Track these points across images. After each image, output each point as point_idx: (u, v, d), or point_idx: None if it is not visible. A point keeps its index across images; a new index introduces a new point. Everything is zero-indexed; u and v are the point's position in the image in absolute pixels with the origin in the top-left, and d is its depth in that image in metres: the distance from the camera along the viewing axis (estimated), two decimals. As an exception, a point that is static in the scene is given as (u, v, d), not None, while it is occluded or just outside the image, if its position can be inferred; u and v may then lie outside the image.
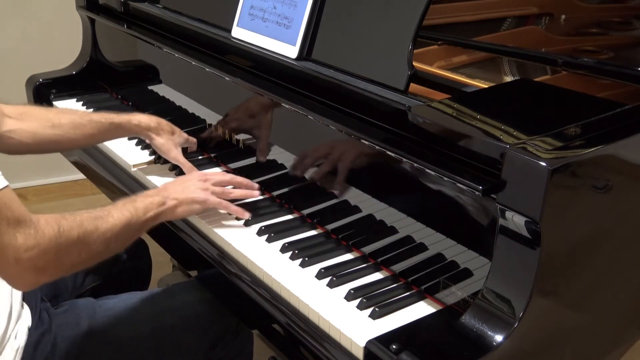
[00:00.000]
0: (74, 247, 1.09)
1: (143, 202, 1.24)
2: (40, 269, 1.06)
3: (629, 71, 1.43)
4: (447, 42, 1.65)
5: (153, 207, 1.25)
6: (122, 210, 1.19)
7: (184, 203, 1.31)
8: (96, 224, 1.13)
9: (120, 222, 1.17)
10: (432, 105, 1.15)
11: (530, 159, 0.93)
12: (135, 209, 1.22)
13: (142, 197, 1.26)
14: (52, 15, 2.94)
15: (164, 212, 1.28)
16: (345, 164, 1.31)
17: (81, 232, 1.10)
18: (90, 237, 1.11)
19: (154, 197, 1.27)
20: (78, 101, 2.08)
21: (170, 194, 1.30)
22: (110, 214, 1.17)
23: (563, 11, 1.67)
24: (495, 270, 1.00)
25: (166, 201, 1.28)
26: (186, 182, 1.35)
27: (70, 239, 1.08)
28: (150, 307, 1.38)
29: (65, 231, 1.07)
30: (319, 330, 1.12)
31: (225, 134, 1.62)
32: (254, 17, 1.54)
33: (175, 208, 1.30)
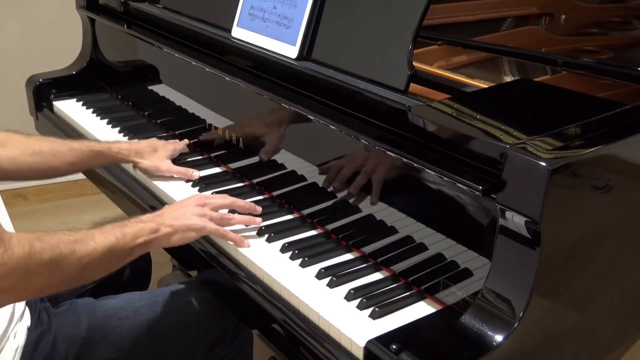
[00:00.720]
0: (45, 270, 1.04)
1: (133, 228, 1.18)
2: (6, 290, 1.01)
3: (629, 71, 1.43)
4: (447, 42, 1.65)
5: (144, 233, 1.20)
6: (107, 235, 1.14)
7: (180, 231, 1.25)
8: (73, 248, 1.07)
9: (101, 248, 1.11)
10: (432, 105, 1.15)
11: (530, 159, 0.93)
12: (123, 234, 1.16)
13: (134, 222, 1.21)
14: (52, 15, 2.94)
15: (157, 239, 1.22)
16: (371, 176, 1.27)
17: (54, 255, 1.04)
18: (65, 262, 1.06)
19: (147, 224, 1.21)
20: (78, 101, 2.08)
21: (165, 220, 1.25)
22: (93, 238, 1.11)
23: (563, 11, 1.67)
24: (495, 270, 1.00)
25: (160, 228, 1.23)
26: (183, 207, 1.30)
27: (41, 262, 1.02)
28: (150, 307, 1.38)
29: (37, 253, 1.02)
30: (319, 330, 1.12)
31: (225, 135, 1.62)
32: (254, 17, 1.54)
33: (170, 236, 1.24)
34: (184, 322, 1.39)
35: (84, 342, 1.29)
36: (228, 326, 1.44)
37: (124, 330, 1.33)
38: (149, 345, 1.35)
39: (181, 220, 1.26)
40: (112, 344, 1.31)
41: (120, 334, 1.32)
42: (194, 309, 1.41)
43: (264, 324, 1.29)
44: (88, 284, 1.56)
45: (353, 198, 1.31)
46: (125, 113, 2.00)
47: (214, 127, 1.67)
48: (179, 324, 1.38)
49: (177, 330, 1.38)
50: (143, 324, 1.35)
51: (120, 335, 1.32)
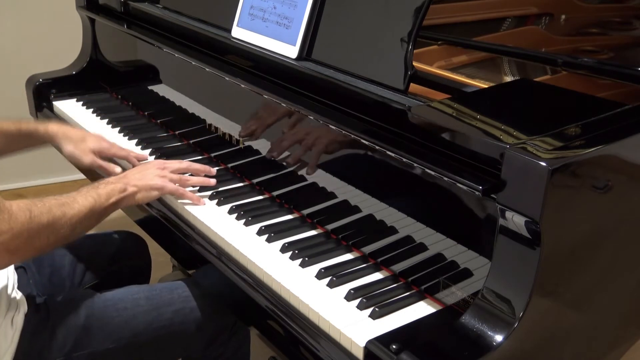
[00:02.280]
0: (44, 231, 1.16)
1: (105, 189, 1.31)
2: (13, 251, 1.12)
3: (629, 71, 1.43)
4: (447, 42, 1.65)
5: (115, 193, 1.32)
6: (86, 197, 1.26)
7: (143, 190, 1.38)
8: (63, 210, 1.20)
9: (85, 208, 1.24)
10: (432, 105, 1.15)
11: (530, 159, 0.93)
12: (99, 195, 1.28)
13: (103, 184, 1.33)
14: (52, 15, 2.94)
15: (125, 197, 1.34)
16: (318, 148, 1.36)
17: (50, 218, 1.16)
18: (58, 223, 1.18)
19: (115, 184, 1.34)
20: (78, 101, 2.08)
21: (129, 180, 1.37)
22: (76, 200, 1.23)
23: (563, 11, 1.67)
24: (495, 270, 1.00)
25: (127, 188, 1.35)
26: (145, 170, 1.43)
27: (40, 224, 1.14)
28: (148, 299, 1.39)
29: (36, 216, 1.14)
30: (318, 330, 1.12)
31: (225, 135, 1.62)
32: (254, 17, 1.54)
33: (134, 194, 1.37)
34: (181, 316, 1.40)
35: (82, 331, 1.30)
36: (225, 323, 1.45)
37: (122, 321, 1.34)
38: (146, 337, 1.36)
39: (144, 180, 1.39)
40: (110, 334, 1.33)
41: (118, 324, 1.34)
42: (191, 304, 1.42)
43: (263, 323, 1.29)
44: (87, 282, 1.57)
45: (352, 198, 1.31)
46: (125, 113, 2.00)
47: (214, 127, 1.67)
48: (176, 318, 1.39)
49: (174, 324, 1.39)
50: (141, 316, 1.36)
51: (118, 326, 1.34)
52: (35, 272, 1.48)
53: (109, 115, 1.96)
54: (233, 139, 1.60)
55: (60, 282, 1.53)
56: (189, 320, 1.40)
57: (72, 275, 1.55)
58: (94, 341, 1.31)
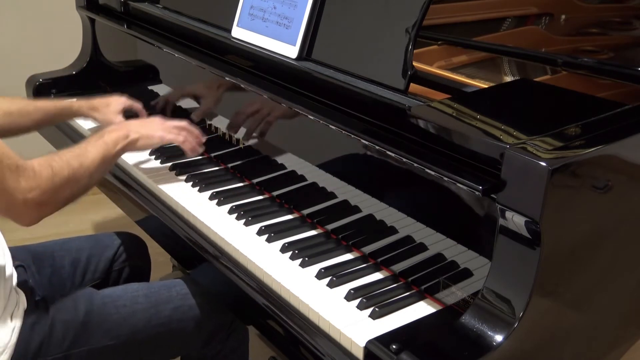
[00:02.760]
0: (67, 183, 1.25)
1: (110, 137, 1.39)
2: (44, 205, 1.22)
3: (629, 71, 1.43)
4: (447, 42, 1.65)
5: (120, 140, 1.40)
6: (95, 146, 1.35)
7: (144, 137, 1.47)
8: (80, 161, 1.29)
9: (97, 157, 1.33)
10: (432, 105, 1.15)
11: (530, 159, 0.93)
12: (106, 143, 1.37)
13: (107, 132, 1.41)
14: (52, 15, 2.94)
15: (129, 143, 1.43)
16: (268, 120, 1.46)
17: (70, 170, 1.26)
18: (78, 173, 1.28)
19: (119, 132, 1.42)
20: (78, 101, 2.08)
21: (131, 127, 1.46)
22: (88, 150, 1.32)
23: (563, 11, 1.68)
24: (495, 270, 1.00)
25: (129, 134, 1.43)
26: (146, 120, 1.55)
27: (63, 177, 1.24)
28: (147, 297, 1.40)
29: (58, 170, 1.23)
30: (318, 330, 1.12)
31: (225, 135, 1.62)
32: (254, 17, 1.54)
33: (137, 140, 1.45)
34: (180, 314, 1.41)
35: (81, 327, 1.31)
36: (224, 321, 1.46)
37: (121, 318, 1.35)
38: (145, 334, 1.37)
39: (145, 128, 1.49)
40: (108, 330, 1.33)
41: (116, 321, 1.34)
42: (189, 302, 1.42)
43: (263, 323, 1.29)
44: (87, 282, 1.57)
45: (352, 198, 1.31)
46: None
47: (214, 127, 1.67)
48: (174, 315, 1.40)
49: (172, 322, 1.40)
50: (139, 313, 1.37)
51: (117, 323, 1.34)
52: (35, 272, 1.49)
53: (109, 115, 1.96)
54: (233, 139, 1.60)
55: (61, 282, 1.53)
56: (187, 317, 1.41)
57: (73, 276, 1.56)
58: (92, 338, 1.31)
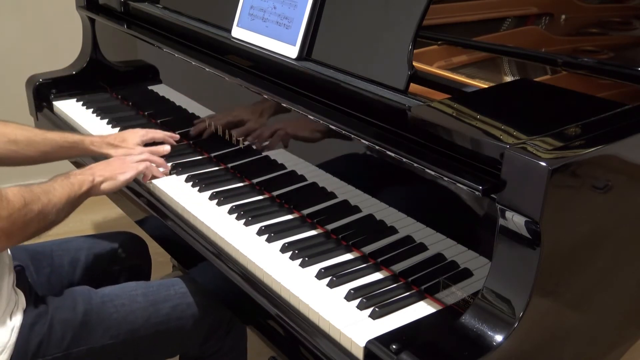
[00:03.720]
0: (36, 217, 1.23)
1: (76, 179, 1.38)
2: (10, 236, 1.20)
3: (629, 71, 1.43)
4: (447, 42, 1.65)
5: (85, 183, 1.39)
6: (62, 186, 1.33)
7: (109, 178, 1.46)
8: (49, 197, 1.28)
9: (64, 196, 1.32)
10: (432, 105, 1.15)
11: (530, 159, 0.93)
12: (72, 184, 1.36)
13: (73, 174, 1.40)
14: (52, 15, 2.94)
15: (94, 187, 1.42)
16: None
17: (40, 205, 1.24)
18: (46, 209, 1.26)
19: (84, 175, 1.41)
20: (78, 101, 2.08)
21: (95, 171, 1.45)
22: (55, 189, 1.31)
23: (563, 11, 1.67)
24: (495, 270, 1.00)
25: (94, 178, 1.43)
26: (109, 162, 1.52)
27: (33, 211, 1.22)
28: (145, 296, 1.40)
29: (29, 204, 1.21)
30: (318, 330, 1.12)
31: (225, 135, 1.62)
32: (254, 17, 1.54)
33: (101, 183, 1.44)
34: (178, 312, 1.41)
35: (80, 326, 1.31)
36: (222, 319, 1.46)
37: (120, 316, 1.35)
38: (144, 332, 1.37)
39: (108, 170, 1.47)
40: (107, 329, 1.33)
41: (116, 320, 1.35)
42: (188, 300, 1.43)
43: (263, 323, 1.29)
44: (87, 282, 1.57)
45: (352, 198, 1.31)
46: (125, 113, 2.00)
47: (214, 126, 1.67)
48: (173, 314, 1.40)
49: (171, 320, 1.40)
50: (138, 312, 1.38)
51: (116, 322, 1.35)
52: (34, 272, 1.49)
53: (109, 115, 1.96)
54: (233, 139, 1.60)
55: (59, 282, 1.53)
56: (186, 316, 1.41)
57: (72, 275, 1.56)
58: (92, 337, 1.32)
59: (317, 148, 1.40)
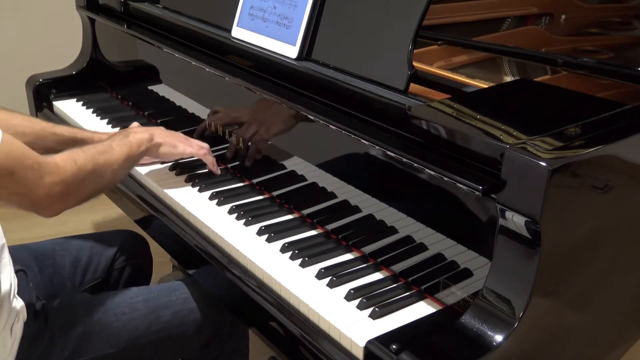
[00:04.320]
0: (90, 177, 1.25)
1: (135, 137, 1.40)
2: (66, 197, 1.22)
3: (629, 71, 1.43)
4: (447, 42, 1.65)
5: (144, 142, 1.42)
6: (120, 145, 1.36)
7: (168, 144, 1.48)
8: (104, 158, 1.30)
9: (122, 155, 1.34)
10: (432, 105, 1.15)
11: (530, 159, 0.93)
12: (131, 143, 1.38)
13: (132, 132, 1.42)
14: (52, 15, 2.94)
15: (152, 147, 1.45)
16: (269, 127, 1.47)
17: (94, 165, 1.26)
18: (102, 169, 1.28)
19: (144, 134, 1.43)
20: (78, 101, 2.08)
21: (156, 132, 1.47)
22: (113, 149, 1.33)
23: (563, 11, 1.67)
24: (495, 270, 1.00)
25: (153, 138, 1.45)
26: (172, 131, 1.53)
27: (87, 172, 1.24)
28: (146, 302, 1.39)
29: (81, 165, 1.23)
30: (318, 330, 1.12)
31: (225, 134, 1.62)
32: (254, 17, 1.54)
33: (159, 145, 1.46)
34: (180, 318, 1.40)
35: (80, 338, 1.30)
36: (224, 323, 1.45)
37: (121, 325, 1.34)
38: (145, 340, 1.36)
39: (170, 137, 1.50)
40: (108, 339, 1.32)
41: (116, 329, 1.34)
42: (189, 306, 1.42)
43: (263, 323, 1.29)
44: (88, 282, 1.57)
45: (352, 198, 1.31)
46: (125, 113, 2.00)
47: (214, 126, 1.67)
48: (174, 320, 1.39)
49: (173, 326, 1.39)
50: (139, 319, 1.36)
51: (117, 331, 1.33)
52: (37, 273, 1.48)
53: (109, 115, 1.96)
54: (233, 139, 1.60)
55: (61, 282, 1.52)
56: (187, 321, 1.40)
57: (74, 275, 1.55)
58: (93, 347, 1.31)
59: (317, 148, 1.40)
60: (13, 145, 1.12)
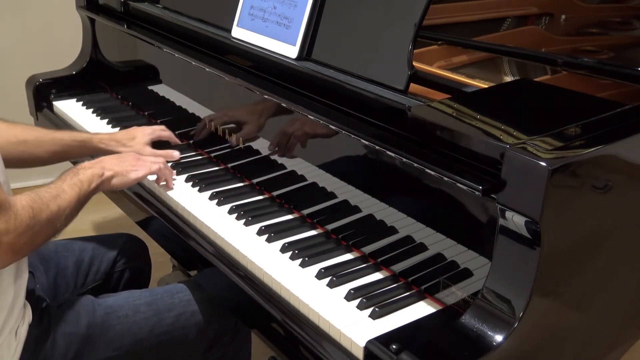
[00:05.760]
0: (44, 228, 1.18)
1: (85, 175, 1.33)
2: (17, 251, 1.14)
3: (629, 71, 1.43)
4: (447, 42, 1.65)
5: (94, 178, 1.35)
6: (71, 186, 1.28)
7: (119, 174, 1.41)
8: (57, 203, 1.21)
9: (73, 198, 1.26)
10: (432, 105, 1.15)
11: (530, 159, 0.93)
12: (81, 182, 1.31)
13: (82, 169, 1.35)
14: (52, 15, 2.94)
15: (103, 182, 1.37)
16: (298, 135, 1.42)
17: (48, 214, 1.18)
18: (55, 217, 1.20)
19: (93, 169, 1.36)
20: (78, 101, 2.08)
21: (106, 165, 1.40)
22: (64, 191, 1.25)
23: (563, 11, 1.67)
24: (495, 270, 1.00)
25: (104, 172, 1.38)
26: (122, 156, 1.47)
27: (41, 222, 1.16)
28: (149, 305, 1.39)
29: (37, 214, 1.15)
30: (318, 330, 1.12)
31: (225, 134, 1.62)
32: (254, 17, 1.54)
33: (111, 178, 1.39)
34: (182, 321, 1.39)
35: (83, 340, 1.29)
36: (226, 326, 1.45)
37: (123, 328, 1.34)
38: (148, 343, 1.36)
39: (120, 166, 1.43)
40: (111, 342, 1.32)
41: (119, 332, 1.33)
42: (192, 308, 1.41)
43: (263, 324, 1.29)
44: (89, 283, 1.57)
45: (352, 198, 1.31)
46: (125, 113, 2.00)
47: (214, 126, 1.67)
48: (177, 323, 1.39)
49: (175, 329, 1.38)
50: (142, 322, 1.36)
51: (120, 333, 1.33)
52: (43, 273, 1.48)
53: (109, 115, 1.96)
54: (233, 139, 1.60)
55: (65, 282, 1.53)
56: (190, 324, 1.40)
57: (76, 276, 1.56)
58: (95, 350, 1.30)
59: (317, 148, 1.40)
60: None
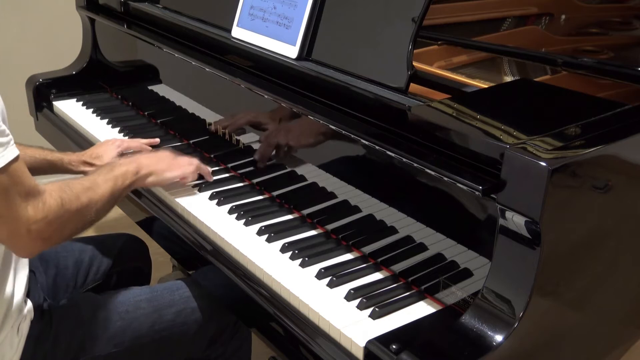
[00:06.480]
0: (73, 218, 1.19)
1: (120, 171, 1.33)
2: (46, 239, 1.15)
3: (629, 71, 1.43)
4: (447, 42, 1.65)
5: (129, 175, 1.35)
6: (105, 180, 1.29)
7: (155, 174, 1.42)
8: (89, 196, 1.22)
9: (106, 192, 1.27)
10: (432, 105, 1.15)
11: (530, 159, 0.93)
12: (115, 177, 1.31)
13: (117, 165, 1.35)
14: (52, 15, 2.94)
15: (138, 179, 1.38)
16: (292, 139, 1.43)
17: (79, 205, 1.19)
18: (85, 209, 1.21)
19: (128, 166, 1.36)
20: (78, 101, 2.08)
21: (141, 162, 1.40)
22: (98, 185, 1.26)
23: (563, 11, 1.67)
24: (495, 270, 1.00)
25: (139, 170, 1.38)
26: (158, 156, 1.47)
27: (70, 211, 1.17)
28: (150, 302, 1.40)
29: (66, 204, 1.16)
30: (318, 330, 1.12)
31: (225, 134, 1.62)
32: (254, 17, 1.54)
33: (146, 176, 1.40)
34: (183, 317, 1.40)
35: (84, 336, 1.30)
36: (226, 323, 1.45)
37: (124, 324, 1.35)
38: (148, 339, 1.36)
39: (156, 165, 1.42)
40: (112, 338, 1.33)
41: (120, 328, 1.34)
42: (192, 305, 1.42)
43: (263, 324, 1.29)
44: (89, 283, 1.57)
45: (352, 198, 1.31)
46: (125, 113, 2.00)
47: (214, 126, 1.67)
48: (177, 319, 1.39)
49: (175, 325, 1.39)
50: (142, 318, 1.37)
51: (121, 330, 1.34)
52: (42, 273, 1.49)
53: (109, 115, 1.96)
54: (233, 139, 1.60)
55: (64, 282, 1.53)
56: (190, 320, 1.41)
57: (76, 276, 1.56)
58: (96, 346, 1.31)
59: (317, 148, 1.40)
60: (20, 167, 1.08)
